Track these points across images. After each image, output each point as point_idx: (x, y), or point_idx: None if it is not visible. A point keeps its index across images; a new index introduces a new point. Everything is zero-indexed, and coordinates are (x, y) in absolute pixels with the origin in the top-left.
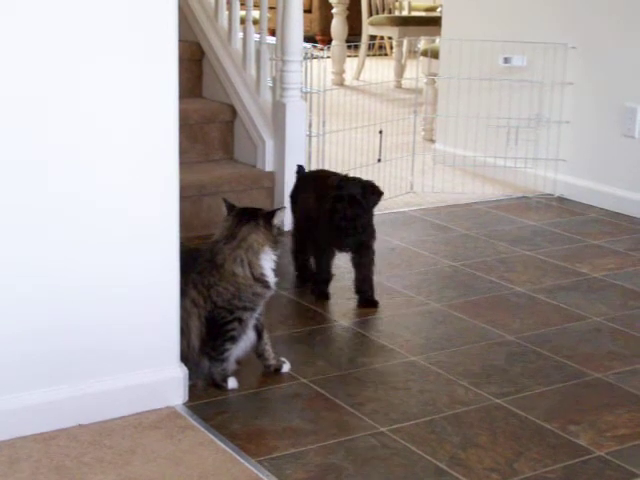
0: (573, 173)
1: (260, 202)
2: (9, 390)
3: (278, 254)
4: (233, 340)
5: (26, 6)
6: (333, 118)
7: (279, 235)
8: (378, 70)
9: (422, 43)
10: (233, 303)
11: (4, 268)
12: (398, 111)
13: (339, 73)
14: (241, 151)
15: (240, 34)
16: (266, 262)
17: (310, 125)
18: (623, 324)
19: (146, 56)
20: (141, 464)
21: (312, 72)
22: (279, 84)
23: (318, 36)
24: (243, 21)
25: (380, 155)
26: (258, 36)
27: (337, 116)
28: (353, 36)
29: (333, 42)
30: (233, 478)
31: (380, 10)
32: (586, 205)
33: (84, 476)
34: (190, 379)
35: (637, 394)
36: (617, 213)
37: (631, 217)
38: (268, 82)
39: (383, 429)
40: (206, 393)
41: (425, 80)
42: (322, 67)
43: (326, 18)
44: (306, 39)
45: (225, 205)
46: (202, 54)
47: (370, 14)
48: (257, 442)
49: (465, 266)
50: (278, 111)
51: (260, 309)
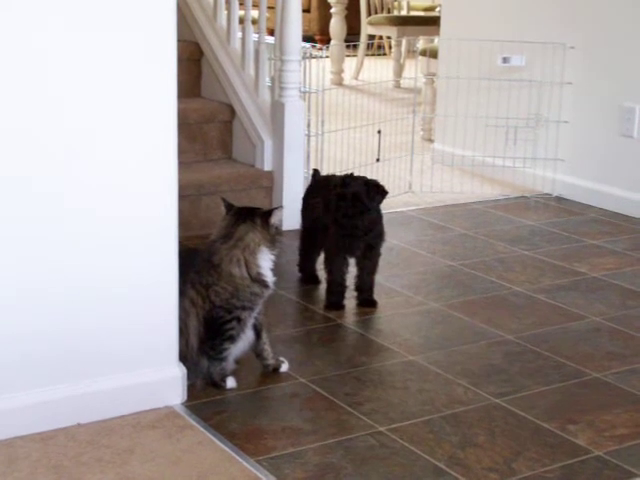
0: (572, 173)
1: (259, 202)
2: (8, 389)
3: (276, 253)
4: (232, 339)
5: (25, 5)
6: (332, 118)
7: (277, 234)
8: (377, 70)
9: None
10: (231, 303)
11: (4, 269)
12: (397, 111)
13: (338, 73)
14: (240, 151)
15: (239, 34)
16: (264, 261)
17: (309, 125)
18: (622, 324)
19: (145, 56)
20: (140, 464)
21: (311, 72)
22: (278, 84)
23: (317, 36)
24: (242, 21)
25: (379, 155)
26: (257, 36)
27: (336, 116)
28: (352, 36)
29: (332, 42)
30: (232, 478)
31: (379, 10)
32: (585, 205)
33: (82, 475)
34: (189, 379)
35: (636, 394)
36: (616, 213)
37: (630, 217)
38: (267, 82)
39: (382, 429)
40: (205, 393)
41: (424, 80)
42: (321, 67)
43: (325, 18)
44: (305, 39)
45: (224, 204)
46: (201, 54)
47: (369, 14)
48: (256, 442)
49: (464, 266)
50: (277, 111)
51: (259, 308)
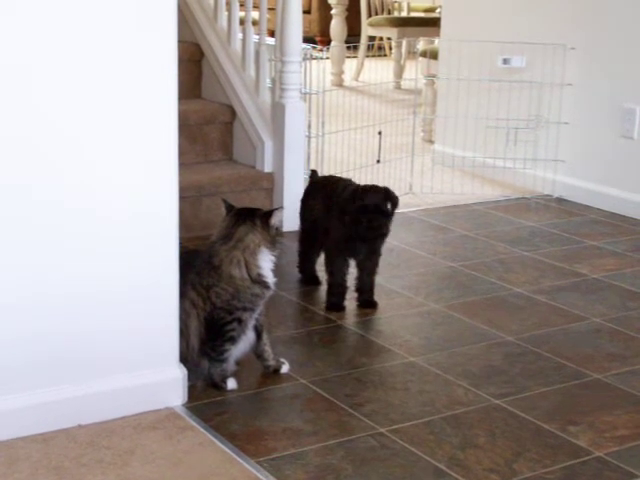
0: (572, 174)
1: (259, 203)
2: (9, 390)
3: (276, 254)
4: (232, 341)
5: (27, 6)
6: (332, 119)
7: (277, 235)
8: (377, 71)
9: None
10: (232, 304)
11: (5, 271)
12: (397, 112)
13: (338, 74)
14: (240, 152)
15: (239, 35)
16: (264, 262)
17: (309, 126)
18: (622, 325)
19: (145, 57)
20: (140, 465)
21: (311, 73)
22: (278, 85)
23: (317, 37)
24: (242, 22)
25: (379, 156)
26: (257, 37)
27: (336, 117)
28: (352, 37)
29: (332, 43)
30: (232, 479)
31: (379, 11)
32: (585, 206)
33: (83, 477)
34: (189, 380)
35: (636, 395)
36: (616, 214)
37: (630, 218)
38: (267, 83)
39: (382, 430)
40: (205, 394)
41: (424, 81)
42: (321, 68)
43: (325, 19)
44: (305, 40)
45: (224, 206)
46: (201, 55)
47: (369, 15)
48: (256, 443)
49: (464, 267)
50: (277, 112)
51: (259, 309)
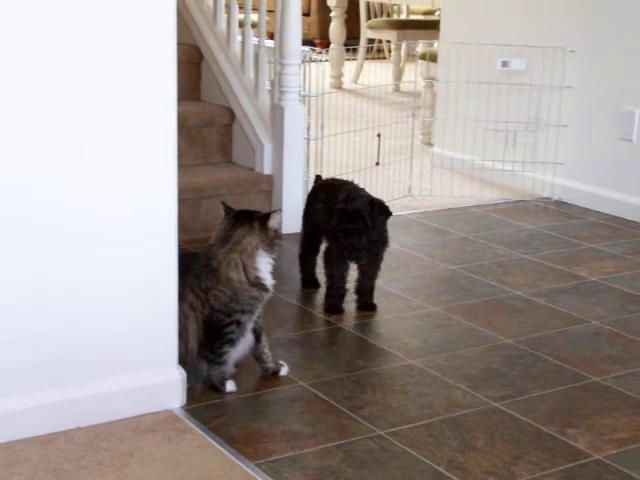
0: (571, 177)
1: (258, 205)
2: (7, 392)
3: (275, 257)
4: (232, 343)
5: (26, 9)
6: (331, 121)
7: (276, 238)
8: (376, 73)
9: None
10: (231, 306)
11: (4, 272)
12: (396, 114)
13: (337, 76)
14: (239, 154)
15: (239, 37)
16: (262, 265)
17: (308, 128)
18: (621, 328)
19: (145, 59)
20: (139, 467)
21: (310, 75)
22: (277, 87)
23: (316, 39)
24: (242, 24)
25: (378, 158)
26: (257, 39)
27: (335, 119)
28: (351, 39)
29: (331, 45)
30: None
31: (378, 14)
32: (584, 209)
33: (82, 479)
34: (188, 382)
35: (635, 398)
36: (615, 217)
37: (629, 221)
38: (266, 85)
39: (381, 432)
40: (204, 396)
41: (423, 83)
42: (320, 70)
43: (324, 21)
44: (304, 42)
45: (223, 208)
46: (201, 57)
47: (368, 17)
48: (255, 445)
49: (463, 269)
50: (276, 114)
51: (258, 312)
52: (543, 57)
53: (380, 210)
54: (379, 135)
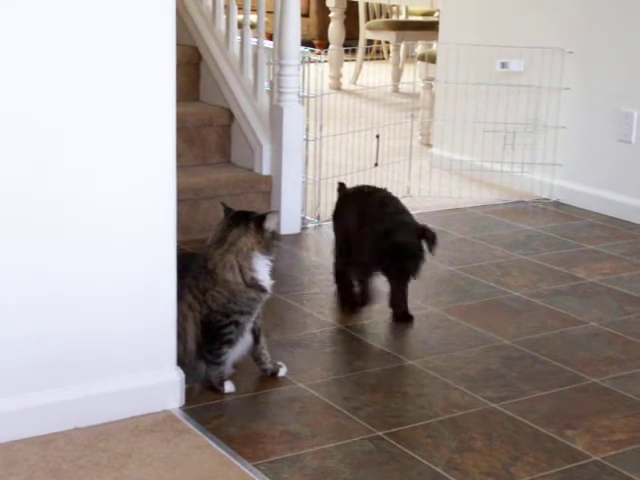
0: (569, 178)
1: (257, 205)
2: (6, 393)
3: (272, 258)
4: (230, 343)
5: (25, 11)
6: (330, 122)
7: (273, 239)
8: (375, 74)
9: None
10: (228, 307)
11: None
12: (395, 115)
13: (336, 77)
14: (238, 155)
15: (238, 38)
16: (259, 266)
17: (307, 129)
18: (620, 329)
19: (144, 60)
20: (137, 468)
21: (309, 76)
22: (276, 88)
23: (315, 40)
24: (241, 25)
25: (377, 159)
26: (255, 40)
27: (334, 120)
28: (350, 40)
29: (330, 46)
30: None
31: (377, 14)
32: (582, 210)
33: (80, 479)
34: (187, 383)
35: (634, 399)
36: (613, 218)
37: (627, 222)
38: (265, 86)
39: (380, 433)
40: (203, 397)
41: (422, 84)
42: (319, 71)
43: (323, 22)
44: (303, 43)
45: (223, 209)
46: (200, 58)
47: (367, 18)
48: (254, 446)
49: (462, 270)
50: (275, 115)
51: (257, 312)
52: (542, 58)
53: (433, 240)
54: (378, 136)
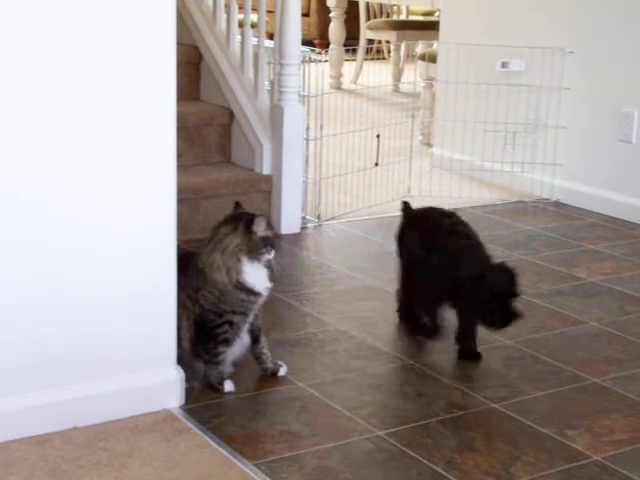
0: (570, 178)
1: (257, 205)
2: (5, 393)
3: (262, 263)
4: (227, 343)
5: (25, 11)
6: (331, 122)
7: (267, 245)
8: (376, 74)
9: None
10: (220, 307)
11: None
12: (396, 115)
13: (337, 77)
14: (238, 154)
15: (238, 37)
16: (248, 268)
17: (307, 129)
18: (620, 329)
19: (144, 59)
20: (137, 467)
21: (310, 76)
22: (277, 87)
23: (316, 40)
24: (241, 24)
25: (377, 159)
26: (256, 39)
27: (335, 120)
28: (351, 40)
29: (331, 46)
30: None
31: (378, 14)
32: (583, 210)
33: (80, 479)
34: (187, 382)
35: (634, 399)
36: (614, 218)
37: (628, 222)
38: (266, 85)
39: (380, 433)
40: (203, 396)
41: (423, 84)
42: (320, 71)
43: (324, 22)
44: (304, 43)
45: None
46: (200, 57)
47: (368, 18)
48: (253, 445)
49: None
50: (276, 114)
51: (253, 313)
52: (542, 58)
53: (517, 282)
54: (378, 136)
